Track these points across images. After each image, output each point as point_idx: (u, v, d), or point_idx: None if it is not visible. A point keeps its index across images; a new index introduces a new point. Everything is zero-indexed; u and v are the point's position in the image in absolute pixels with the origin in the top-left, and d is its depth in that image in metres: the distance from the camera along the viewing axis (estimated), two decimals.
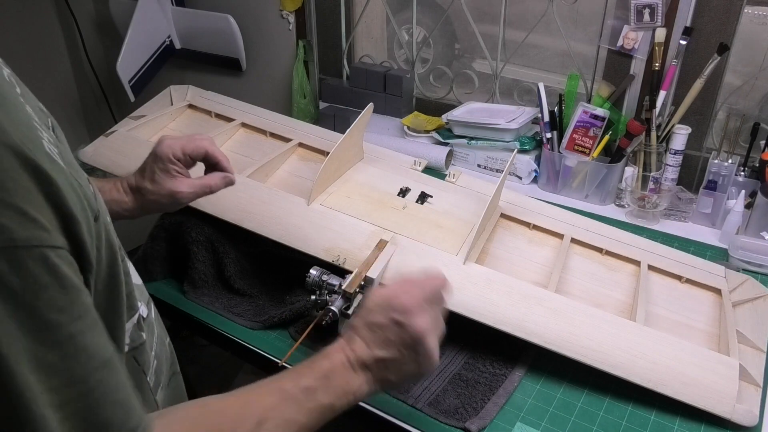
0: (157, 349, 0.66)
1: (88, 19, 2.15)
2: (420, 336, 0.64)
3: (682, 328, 0.94)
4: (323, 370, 0.63)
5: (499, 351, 0.90)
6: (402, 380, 0.67)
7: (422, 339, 0.64)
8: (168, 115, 1.27)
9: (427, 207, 1.05)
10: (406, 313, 0.64)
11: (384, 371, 0.65)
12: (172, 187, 0.84)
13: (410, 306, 0.65)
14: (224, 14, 1.78)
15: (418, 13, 1.64)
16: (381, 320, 0.65)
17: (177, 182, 0.84)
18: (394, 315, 0.64)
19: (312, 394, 0.61)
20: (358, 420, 0.84)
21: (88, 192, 0.47)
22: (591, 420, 0.81)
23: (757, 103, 1.31)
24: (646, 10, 1.29)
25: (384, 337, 0.65)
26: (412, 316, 0.64)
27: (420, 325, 0.64)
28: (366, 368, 0.65)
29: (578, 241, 1.05)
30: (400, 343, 0.64)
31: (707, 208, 1.27)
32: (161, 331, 0.71)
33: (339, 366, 0.64)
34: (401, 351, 0.65)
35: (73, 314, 0.42)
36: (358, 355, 0.65)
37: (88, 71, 2.19)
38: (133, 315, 0.59)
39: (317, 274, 0.86)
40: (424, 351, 0.65)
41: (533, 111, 1.45)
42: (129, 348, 0.58)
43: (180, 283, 1.04)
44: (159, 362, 0.67)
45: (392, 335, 0.64)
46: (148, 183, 0.84)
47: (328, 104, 1.70)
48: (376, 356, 0.65)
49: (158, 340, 0.67)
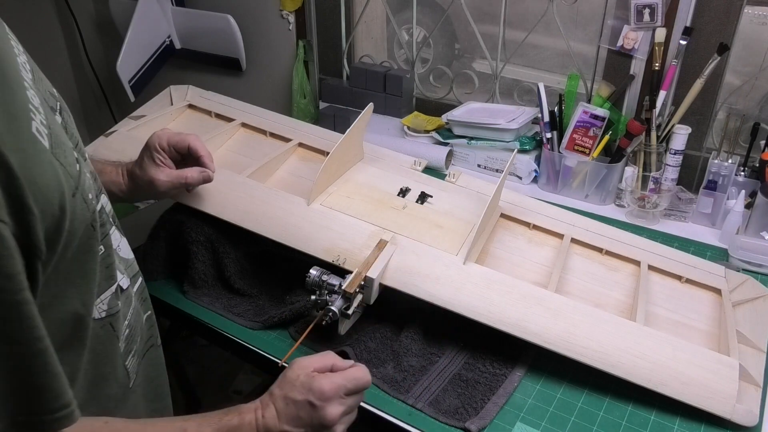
0: (131, 320, 0.70)
1: (88, 19, 2.15)
2: (329, 424, 0.68)
3: (682, 328, 0.94)
4: (230, 425, 0.66)
5: (499, 351, 0.90)
6: None
7: (331, 426, 0.68)
8: (168, 115, 1.27)
9: (427, 207, 1.05)
10: (322, 399, 0.67)
11: None
12: (152, 174, 0.91)
13: (329, 394, 0.68)
14: (224, 14, 1.78)
15: (418, 13, 1.64)
16: (298, 397, 0.68)
17: (158, 170, 0.91)
18: (311, 397, 0.67)
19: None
20: (358, 420, 0.84)
21: (72, 170, 0.53)
22: (591, 420, 0.81)
23: (757, 103, 1.31)
24: (646, 10, 1.29)
25: (296, 413, 0.67)
26: (328, 403, 0.67)
27: (333, 414, 0.67)
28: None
29: (578, 241, 1.06)
30: (309, 424, 0.67)
31: (707, 208, 1.27)
32: (139, 303, 0.75)
33: (246, 426, 0.66)
34: (307, 431, 0.68)
35: (16, 285, 0.47)
36: (266, 422, 0.67)
37: (88, 71, 2.19)
38: (112, 285, 0.64)
39: (317, 274, 0.86)
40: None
41: (533, 111, 1.45)
42: (106, 314, 0.63)
43: (180, 283, 1.04)
44: (132, 332, 0.71)
45: (304, 414, 0.67)
46: (137, 168, 0.92)
47: (328, 104, 1.70)
48: (283, 429, 0.67)
49: (134, 311, 0.72)
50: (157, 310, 0.81)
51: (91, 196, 0.58)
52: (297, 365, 0.71)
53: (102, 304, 0.63)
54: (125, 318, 0.69)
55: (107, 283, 0.64)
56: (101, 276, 0.62)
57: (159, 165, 0.92)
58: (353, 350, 0.88)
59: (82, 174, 0.56)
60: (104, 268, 0.62)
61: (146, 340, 0.76)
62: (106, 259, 0.63)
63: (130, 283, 0.72)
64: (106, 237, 0.63)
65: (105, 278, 0.63)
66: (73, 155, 0.55)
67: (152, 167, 0.91)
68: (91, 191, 0.58)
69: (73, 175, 0.54)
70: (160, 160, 0.92)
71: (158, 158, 0.91)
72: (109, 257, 0.64)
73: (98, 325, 0.63)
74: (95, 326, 0.62)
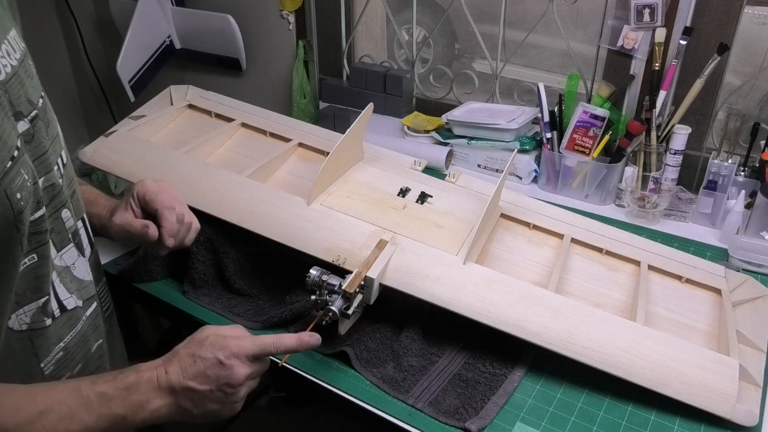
0: (70, 344, 0.69)
1: (88, 19, 2.15)
2: (235, 383, 0.68)
3: (682, 328, 0.94)
4: (126, 382, 0.65)
5: (499, 351, 0.90)
6: (200, 415, 0.69)
7: (238, 386, 0.69)
8: (168, 115, 1.27)
9: (427, 207, 1.05)
10: (233, 358, 0.68)
11: (188, 402, 0.68)
12: (113, 216, 0.85)
13: (239, 353, 0.69)
14: (224, 14, 1.78)
15: (418, 13, 1.64)
16: (207, 355, 0.68)
17: (119, 214, 0.85)
18: (220, 355, 0.68)
19: (106, 402, 0.64)
20: (359, 420, 0.84)
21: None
22: (591, 420, 0.81)
23: (757, 103, 1.31)
24: (646, 10, 1.29)
25: (203, 370, 0.68)
26: (239, 362, 0.69)
27: (240, 374, 0.68)
28: (172, 393, 0.67)
29: (578, 241, 1.05)
30: (215, 381, 0.68)
31: (707, 208, 1.27)
32: (90, 330, 0.73)
33: (144, 383, 0.66)
34: (212, 389, 0.68)
35: None
36: (169, 379, 0.67)
37: (88, 71, 2.19)
38: (40, 298, 0.63)
39: (317, 274, 0.86)
40: (233, 397, 0.70)
41: (533, 111, 1.45)
42: (27, 328, 0.62)
43: (180, 283, 1.04)
44: (68, 357, 0.70)
45: (211, 372, 0.68)
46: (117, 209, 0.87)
47: (328, 104, 1.70)
48: (187, 386, 0.67)
49: (77, 336, 0.70)
50: (157, 310, 0.81)
51: (20, 196, 0.57)
52: (206, 329, 0.72)
53: (24, 316, 0.61)
54: (61, 340, 0.67)
55: (33, 295, 0.62)
56: (25, 285, 0.60)
57: (126, 210, 0.86)
58: (353, 350, 0.88)
59: (15, 172, 0.56)
60: (32, 278, 0.61)
61: (93, 371, 0.75)
62: (37, 269, 0.61)
63: (81, 306, 0.70)
64: (41, 247, 0.61)
65: (30, 289, 0.61)
66: (9, 152, 0.55)
67: (120, 210, 0.86)
68: (21, 192, 0.57)
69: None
70: (130, 206, 0.86)
71: (130, 204, 0.86)
72: (41, 268, 0.62)
73: (16, 336, 0.61)
74: (12, 337, 0.60)
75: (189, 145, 1.15)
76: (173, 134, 1.24)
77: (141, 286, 1.04)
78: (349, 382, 0.86)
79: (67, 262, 0.69)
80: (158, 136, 1.23)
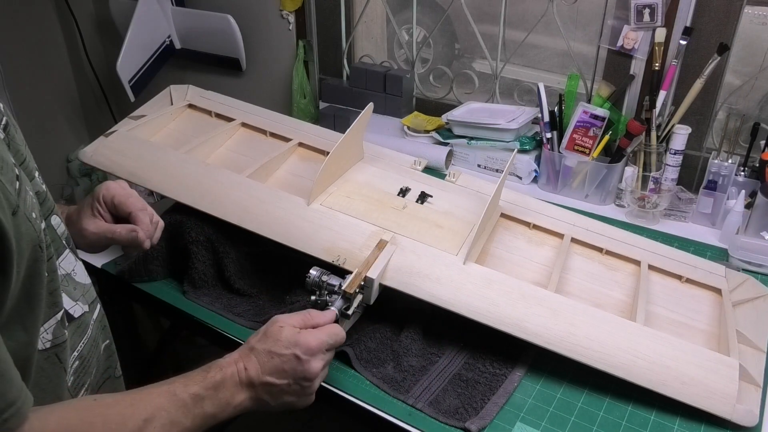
0: (84, 351, 0.69)
1: (88, 19, 2.15)
2: (312, 376, 0.72)
3: (682, 328, 0.94)
4: (214, 381, 0.68)
5: (499, 351, 0.90)
6: (277, 407, 0.73)
7: (313, 379, 0.73)
8: (168, 114, 1.27)
9: (427, 207, 1.05)
10: (309, 354, 0.72)
11: (266, 395, 0.72)
12: (83, 223, 0.84)
13: (315, 348, 0.72)
14: (224, 14, 1.78)
15: (418, 13, 1.64)
16: (284, 351, 0.71)
17: (90, 221, 0.84)
18: (297, 351, 0.71)
19: (199, 402, 0.66)
20: (359, 420, 0.84)
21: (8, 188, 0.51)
22: (591, 420, 0.81)
23: (757, 103, 1.31)
24: (646, 10, 1.29)
25: (281, 366, 0.71)
26: (313, 357, 0.72)
27: (316, 367, 0.72)
28: (251, 387, 0.71)
29: (578, 240, 1.05)
30: (292, 375, 0.71)
31: (707, 208, 1.27)
32: (98, 332, 0.73)
33: (229, 379, 0.69)
34: (289, 382, 0.72)
35: None
36: (249, 374, 0.70)
37: (88, 71, 2.19)
38: (57, 312, 0.62)
39: (317, 275, 0.86)
40: (309, 390, 0.73)
41: (533, 111, 1.45)
42: (51, 345, 0.61)
43: (180, 283, 1.04)
44: (84, 364, 0.69)
45: (288, 367, 0.71)
46: (74, 214, 0.86)
47: (328, 104, 1.70)
48: (265, 381, 0.71)
49: (89, 341, 0.70)
50: (157, 310, 0.81)
51: (35, 215, 0.56)
52: (279, 321, 0.74)
53: (47, 334, 0.60)
54: (74, 349, 0.66)
55: (51, 311, 0.61)
56: (45, 302, 0.59)
57: (95, 216, 0.84)
58: (353, 350, 0.88)
59: (23, 191, 0.55)
60: (48, 294, 0.60)
61: (103, 372, 0.75)
62: (50, 284, 0.60)
63: (88, 311, 0.69)
64: (49, 261, 0.60)
65: (48, 305, 0.60)
66: (13, 172, 0.54)
67: (87, 217, 0.84)
68: (35, 210, 0.56)
69: (11, 192, 0.52)
70: (98, 212, 0.84)
71: (97, 209, 0.84)
72: (53, 283, 0.61)
73: (43, 356, 0.60)
74: (40, 358, 0.60)
75: (189, 145, 1.15)
76: (173, 134, 1.24)
77: (141, 286, 1.04)
78: (349, 382, 0.86)
79: (67, 269, 0.67)
80: (158, 136, 1.23)
